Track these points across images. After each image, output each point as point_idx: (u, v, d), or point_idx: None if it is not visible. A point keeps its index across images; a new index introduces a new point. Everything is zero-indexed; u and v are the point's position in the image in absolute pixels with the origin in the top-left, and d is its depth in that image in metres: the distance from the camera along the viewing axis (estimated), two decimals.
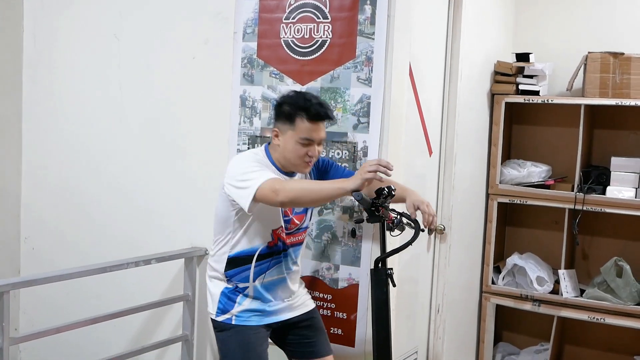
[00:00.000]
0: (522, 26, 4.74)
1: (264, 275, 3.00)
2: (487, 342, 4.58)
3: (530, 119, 4.74)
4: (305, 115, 2.86)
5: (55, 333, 3.20)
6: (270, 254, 2.99)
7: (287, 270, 3.06)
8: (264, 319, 3.02)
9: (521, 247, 4.70)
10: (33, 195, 4.60)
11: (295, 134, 2.87)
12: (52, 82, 4.49)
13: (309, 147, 2.89)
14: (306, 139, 2.87)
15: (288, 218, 3.03)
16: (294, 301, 3.11)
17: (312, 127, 2.87)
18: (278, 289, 3.05)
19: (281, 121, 2.92)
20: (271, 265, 3.01)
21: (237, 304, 3.00)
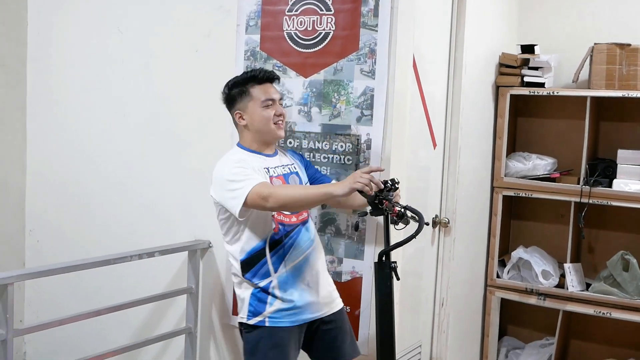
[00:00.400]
0: (527, 17, 4.70)
1: (284, 263, 2.98)
2: (491, 336, 4.56)
3: (536, 112, 4.71)
4: (255, 81, 3.00)
5: (58, 325, 3.20)
6: (279, 240, 2.97)
7: (306, 250, 3.03)
8: (295, 317, 2.99)
9: (526, 240, 4.67)
10: (37, 188, 4.61)
11: (256, 102, 2.98)
12: (56, 76, 4.50)
13: (274, 107, 3.00)
14: (268, 99, 2.98)
15: None
16: (323, 294, 3.07)
17: (266, 88, 3.01)
18: (304, 271, 3.02)
19: (238, 102, 3.02)
20: (287, 250, 2.99)
21: (268, 304, 2.97)
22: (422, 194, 3.77)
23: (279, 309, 2.97)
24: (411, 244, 3.40)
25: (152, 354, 4.06)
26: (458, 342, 4.22)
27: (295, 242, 3.00)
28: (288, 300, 2.98)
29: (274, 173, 3.01)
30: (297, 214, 3.03)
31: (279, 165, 3.07)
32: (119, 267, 3.68)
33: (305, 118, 3.43)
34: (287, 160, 3.14)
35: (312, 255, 3.05)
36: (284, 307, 2.98)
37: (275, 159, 3.08)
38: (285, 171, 3.07)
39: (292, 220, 3.02)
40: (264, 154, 3.04)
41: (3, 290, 2.84)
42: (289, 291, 2.98)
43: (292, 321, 2.98)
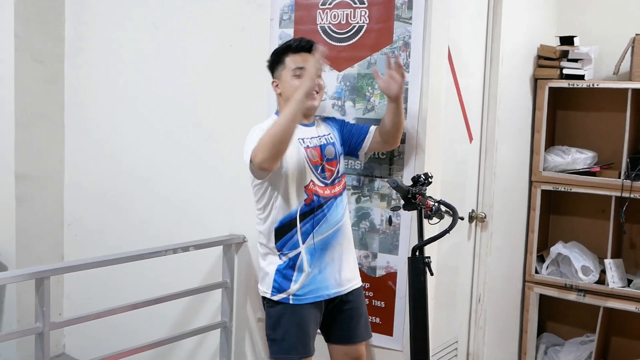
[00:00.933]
0: (566, 8, 4.62)
1: (312, 235, 2.99)
2: (530, 332, 4.50)
3: (576, 104, 4.63)
4: (290, 50, 3.04)
5: (94, 319, 3.23)
6: (310, 211, 2.97)
7: (335, 225, 3.03)
8: (319, 293, 3.00)
9: (566, 235, 4.59)
10: (75, 182, 4.67)
11: (288, 70, 3.02)
12: (92, 71, 4.55)
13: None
14: (298, 68, 2.99)
15: (321, 166, 3.02)
16: (346, 271, 3.07)
17: (300, 57, 3.01)
18: (331, 246, 3.03)
19: (275, 70, 3.09)
20: (316, 223, 2.99)
21: (293, 282, 2.99)
22: (458, 188, 3.73)
23: (303, 285, 2.99)
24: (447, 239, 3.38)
25: (187, 348, 4.09)
26: (496, 339, 4.17)
27: (326, 216, 3.01)
28: (313, 274, 3.00)
29: (310, 144, 3.03)
30: (332, 186, 3.04)
31: (315, 136, 3.07)
32: (156, 262, 3.71)
33: (339, 112, 3.40)
34: (323, 130, 3.14)
35: (340, 231, 3.06)
36: (307, 282, 2.99)
37: (312, 129, 3.09)
38: (321, 142, 3.07)
39: (326, 192, 3.02)
40: (301, 123, 3.03)
41: (39, 284, 2.88)
42: (315, 264, 3.00)
43: (316, 296, 3.00)
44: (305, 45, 3.04)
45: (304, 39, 3.08)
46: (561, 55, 4.31)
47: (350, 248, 3.14)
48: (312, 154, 3.00)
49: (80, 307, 4.57)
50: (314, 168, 2.99)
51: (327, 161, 3.05)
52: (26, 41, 4.41)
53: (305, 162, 2.98)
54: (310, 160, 2.99)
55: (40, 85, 4.53)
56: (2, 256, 4.53)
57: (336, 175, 3.07)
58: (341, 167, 3.12)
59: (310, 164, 2.99)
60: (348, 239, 3.13)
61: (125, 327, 4.21)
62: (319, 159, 3.03)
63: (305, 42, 3.05)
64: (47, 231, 4.64)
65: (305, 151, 2.99)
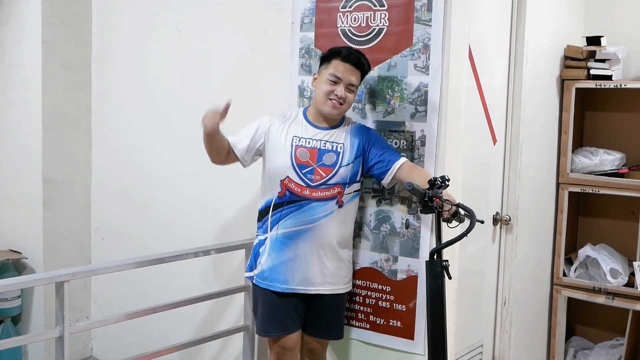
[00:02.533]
0: (594, 8, 4.55)
1: (277, 226, 3.12)
2: (558, 336, 4.44)
3: (604, 105, 4.56)
4: (340, 56, 3.09)
5: (114, 322, 3.25)
6: (280, 204, 3.11)
7: (304, 225, 3.09)
8: (271, 283, 3.15)
9: (594, 238, 4.53)
10: (102, 186, 4.72)
11: (327, 71, 3.10)
12: (117, 76, 4.60)
13: (335, 86, 3.07)
14: (334, 76, 3.07)
15: (310, 167, 3.09)
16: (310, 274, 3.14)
17: (344, 67, 3.08)
18: (293, 243, 3.11)
19: (321, 65, 3.18)
20: (283, 215, 3.11)
21: (258, 262, 3.21)
22: (482, 190, 3.69)
23: (261, 270, 3.19)
24: (471, 242, 3.38)
25: (211, 351, 4.11)
26: (522, 342, 4.12)
27: (295, 212, 3.10)
28: (271, 262, 3.15)
29: (306, 144, 3.12)
30: (315, 189, 3.09)
31: (320, 139, 3.14)
32: (182, 266, 3.73)
33: (360, 115, 3.39)
34: (337, 137, 3.16)
35: (310, 232, 3.10)
36: (266, 269, 3.17)
37: (321, 133, 3.16)
38: (323, 146, 3.13)
39: (304, 192, 3.09)
40: (314, 124, 3.17)
41: (59, 287, 2.90)
42: (274, 254, 3.14)
43: (268, 285, 3.16)
44: (353, 58, 3.09)
45: (356, 52, 3.13)
46: (588, 55, 4.25)
47: (326, 254, 3.16)
48: (303, 153, 3.11)
49: (108, 310, 4.61)
50: (298, 166, 3.09)
51: (321, 165, 3.09)
52: (53, 47, 4.48)
53: (290, 158, 3.09)
54: (296, 158, 3.10)
55: (67, 90, 4.59)
56: (29, 260, 4.60)
57: (325, 182, 3.09)
58: (338, 177, 3.11)
59: (295, 162, 3.10)
60: (324, 245, 3.14)
61: (152, 329, 4.24)
62: (310, 160, 3.10)
63: (355, 56, 3.10)
64: (74, 235, 4.70)
65: (295, 149, 3.10)
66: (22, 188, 4.65)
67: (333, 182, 3.10)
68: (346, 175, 3.12)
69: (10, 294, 4.58)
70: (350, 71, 3.08)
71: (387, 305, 3.37)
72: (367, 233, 3.41)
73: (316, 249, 3.13)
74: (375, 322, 3.42)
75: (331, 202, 3.10)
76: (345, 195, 3.13)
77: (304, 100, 3.58)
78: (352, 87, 3.10)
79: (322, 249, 3.14)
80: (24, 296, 4.69)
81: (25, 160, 4.61)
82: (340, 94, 3.07)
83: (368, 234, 3.41)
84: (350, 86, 3.09)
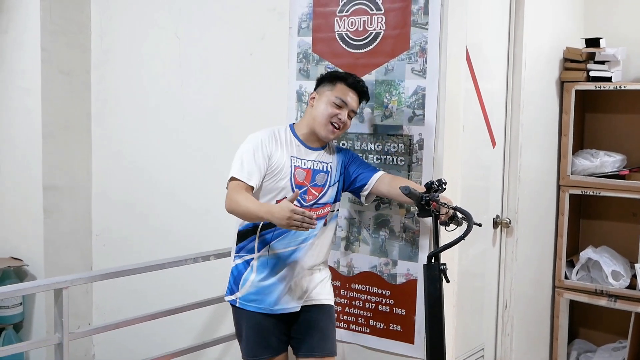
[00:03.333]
0: (593, 10, 4.55)
1: (268, 247, 3.03)
2: (561, 339, 4.43)
3: (604, 107, 4.56)
4: (346, 82, 3.06)
5: (113, 329, 3.26)
6: (271, 224, 2.94)
7: (296, 244, 3.03)
8: (261, 305, 3.04)
9: (596, 240, 4.52)
10: (103, 193, 4.73)
11: (332, 94, 3.03)
12: (118, 82, 4.60)
13: (340, 110, 3.02)
14: (340, 99, 3.02)
15: (304, 188, 3.04)
16: (298, 292, 3.08)
17: (349, 92, 3.05)
18: (284, 263, 3.03)
19: (322, 85, 3.10)
20: (276, 236, 3.02)
21: (240, 285, 3.08)
22: (481, 193, 3.69)
23: (247, 292, 3.06)
24: (471, 245, 3.37)
25: (212, 357, 4.10)
26: (524, 345, 4.11)
27: (286, 234, 3.01)
28: (259, 284, 3.04)
29: (302, 165, 3.05)
30: (307, 208, 2.98)
31: (314, 160, 3.08)
32: (183, 271, 3.73)
33: (358, 119, 3.39)
34: (327, 157, 3.13)
35: (301, 252, 3.04)
36: (253, 291, 3.05)
37: (316, 153, 3.10)
38: (316, 167, 3.08)
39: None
40: (306, 145, 3.09)
41: (58, 294, 2.90)
42: (263, 276, 3.04)
43: (257, 307, 3.05)
44: (361, 87, 3.09)
45: (363, 82, 3.12)
46: (588, 57, 4.24)
47: (318, 272, 3.14)
48: (300, 173, 3.04)
49: (109, 316, 4.61)
50: (296, 187, 3.01)
51: (313, 186, 3.06)
52: (52, 53, 4.48)
53: (289, 179, 3.02)
54: (294, 179, 3.03)
55: (67, 96, 4.59)
56: (31, 267, 4.60)
57: (316, 201, 3.05)
58: (327, 197, 3.09)
59: (294, 183, 3.02)
60: (314, 261, 3.10)
61: (153, 335, 4.24)
62: (305, 180, 3.05)
63: (362, 84, 3.10)
64: (75, 241, 4.70)
65: (294, 170, 3.03)
66: (23, 195, 4.65)
67: (323, 201, 3.08)
68: (333, 194, 3.11)
69: (12, 301, 4.58)
70: (355, 97, 3.07)
71: (386, 309, 3.37)
72: (367, 237, 3.41)
73: (304, 267, 3.07)
74: (375, 326, 3.41)
75: (321, 221, 3.08)
76: (329, 214, 3.12)
77: (302, 105, 3.57)
78: (353, 114, 3.09)
79: (308, 267, 3.09)
80: (25, 303, 4.70)
81: (26, 167, 4.61)
82: (343, 119, 3.03)
83: (367, 238, 3.40)
84: (351, 112, 3.07)
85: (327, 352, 3.12)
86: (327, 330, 3.15)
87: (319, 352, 3.10)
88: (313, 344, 3.11)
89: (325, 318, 3.15)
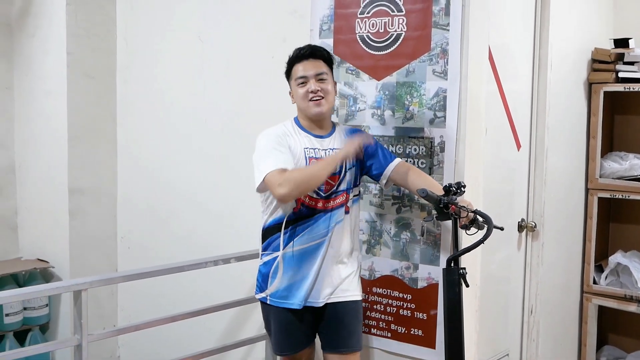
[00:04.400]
0: (622, 10, 4.47)
1: (292, 243, 3.03)
2: (589, 345, 4.35)
3: (633, 109, 4.47)
4: (294, 60, 3.06)
5: (133, 331, 3.27)
6: (295, 220, 3.00)
7: (319, 239, 3.02)
8: (290, 300, 3.04)
9: (625, 244, 4.44)
10: (127, 196, 4.76)
11: (294, 81, 3.05)
12: (142, 85, 4.63)
13: (306, 85, 3.00)
14: (299, 77, 3.01)
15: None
16: (325, 286, 3.06)
17: (301, 65, 3.02)
18: (309, 258, 3.03)
19: (289, 82, 3.11)
20: (298, 232, 3.02)
21: (269, 283, 3.09)
22: (506, 196, 3.64)
23: (277, 289, 3.07)
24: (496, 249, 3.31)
25: (235, 358, 4.09)
26: (551, 351, 4.04)
27: (310, 227, 3.01)
28: (287, 280, 3.05)
29: (316, 155, 3.02)
30: (326, 199, 3.00)
31: (325, 149, 3.05)
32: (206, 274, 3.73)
33: (379, 121, 3.36)
34: (337, 143, 3.08)
35: (324, 245, 3.03)
36: (281, 287, 3.06)
37: (325, 141, 3.07)
38: (328, 155, 3.03)
39: (318, 205, 3.01)
40: (313, 133, 3.06)
41: (77, 296, 2.91)
42: (290, 272, 3.04)
43: (288, 303, 3.05)
44: (305, 53, 3.04)
45: (305, 46, 3.09)
46: (616, 58, 4.17)
47: (341, 263, 3.11)
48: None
49: (134, 318, 4.63)
50: None
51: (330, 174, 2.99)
52: (78, 57, 4.52)
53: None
54: None
55: (93, 100, 4.63)
56: (56, 269, 4.64)
57: (334, 190, 3.02)
58: (344, 183, 3.05)
59: None
60: (339, 254, 3.09)
61: (177, 337, 4.25)
62: None
63: (306, 49, 3.06)
64: (101, 244, 4.73)
65: (308, 162, 2.99)
66: (49, 198, 4.70)
67: (341, 189, 3.04)
68: (350, 180, 3.07)
69: (38, 302, 4.63)
70: (309, 64, 3.01)
71: (408, 313, 3.33)
72: (387, 240, 3.37)
73: (332, 260, 3.07)
74: (396, 330, 3.38)
75: (341, 209, 3.05)
76: (349, 201, 3.08)
77: None
78: (322, 75, 3.01)
79: (337, 259, 3.08)
80: (51, 305, 4.74)
81: (52, 170, 4.66)
82: (313, 88, 2.98)
83: (388, 242, 3.37)
84: (318, 76, 3.00)
85: (353, 348, 3.13)
86: (352, 326, 3.14)
87: (345, 349, 3.11)
88: (339, 341, 3.11)
89: (351, 314, 3.14)
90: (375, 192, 3.39)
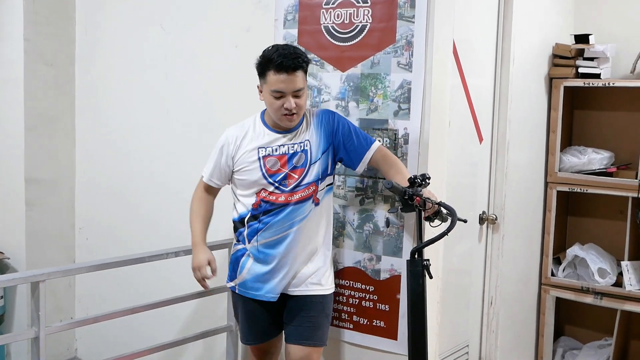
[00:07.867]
0: (583, 6, 4.53)
1: (256, 237, 3.05)
2: (546, 336, 4.42)
3: (593, 104, 4.54)
4: (273, 66, 2.86)
5: (90, 323, 3.20)
6: (256, 216, 3.03)
7: (284, 231, 3.03)
8: (257, 292, 3.08)
9: (583, 237, 4.51)
10: (86, 186, 4.68)
11: (267, 87, 2.92)
12: (102, 74, 4.56)
13: (282, 100, 2.90)
14: (276, 91, 2.89)
15: (282, 174, 3.00)
16: (291, 277, 3.08)
17: (281, 78, 2.87)
18: (275, 251, 3.04)
19: (259, 76, 2.97)
20: (261, 227, 3.04)
21: (238, 272, 3.14)
22: (468, 189, 3.66)
23: (245, 279, 3.11)
24: (458, 242, 3.33)
25: (196, 351, 4.07)
26: (510, 342, 4.09)
27: (271, 222, 3.02)
28: (253, 272, 3.09)
29: (273, 152, 3.02)
30: (290, 193, 3.00)
31: (286, 144, 3.02)
32: (168, 264, 3.67)
33: (343, 113, 3.35)
34: (302, 136, 3.04)
35: (291, 238, 3.04)
36: (249, 279, 3.10)
37: (286, 137, 3.03)
38: (290, 150, 3.01)
39: (279, 199, 3.01)
40: (275, 130, 3.04)
41: (35, 287, 2.85)
42: (256, 265, 3.08)
43: (255, 295, 3.09)
44: (288, 65, 2.85)
45: (289, 56, 2.86)
46: (577, 53, 4.22)
47: (310, 255, 3.11)
48: (272, 162, 3.01)
49: (92, 310, 4.56)
50: (269, 177, 3.00)
51: (293, 169, 3.00)
52: (36, 44, 4.41)
53: (260, 170, 3.00)
54: (267, 170, 3.00)
55: (51, 88, 4.53)
56: (12, 260, 4.54)
57: (298, 183, 3.01)
58: (311, 176, 3.03)
59: (266, 173, 3.00)
60: (306, 247, 3.09)
61: (136, 329, 4.20)
62: (282, 166, 3.01)
63: (290, 61, 2.85)
64: (58, 235, 4.64)
65: (262, 161, 3.00)
66: (5, 187, 4.59)
67: (306, 182, 3.02)
68: (318, 172, 3.04)
69: None
70: (290, 80, 2.87)
71: (370, 305, 3.34)
72: (350, 232, 3.37)
73: (299, 253, 3.06)
74: (358, 322, 3.38)
75: (308, 202, 3.03)
76: (319, 192, 3.06)
77: None
78: (299, 92, 2.91)
79: (304, 251, 3.08)
80: (6, 296, 4.64)
81: (8, 159, 4.54)
82: (289, 106, 2.89)
83: (351, 233, 3.37)
84: (296, 92, 2.90)
85: (315, 342, 3.12)
86: (318, 320, 3.14)
87: (307, 342, 3.11)
88: (303, 333, 3.11)
89: (317, 308, 3.13)
90: (338, 183, 3.38)
